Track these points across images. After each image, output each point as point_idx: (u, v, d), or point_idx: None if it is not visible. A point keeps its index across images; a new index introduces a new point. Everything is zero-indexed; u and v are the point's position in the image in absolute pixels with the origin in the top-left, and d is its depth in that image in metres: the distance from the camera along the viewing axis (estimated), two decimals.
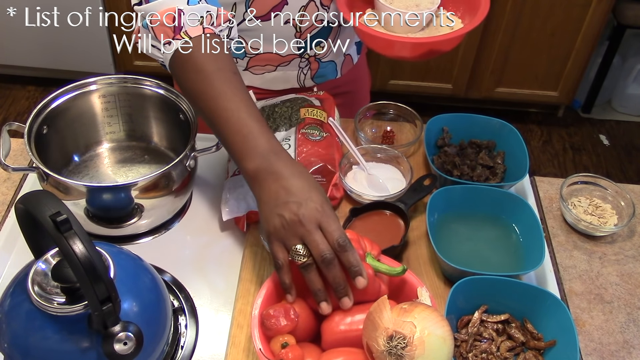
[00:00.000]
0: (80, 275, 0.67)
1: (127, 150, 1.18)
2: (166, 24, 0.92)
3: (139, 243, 1.07)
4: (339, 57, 1.28)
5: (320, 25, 1.17)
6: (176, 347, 0.92)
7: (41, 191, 0.76)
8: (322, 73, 1.28)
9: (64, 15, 2.59)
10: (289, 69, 1.24)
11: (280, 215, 0.82)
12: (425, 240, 1.07)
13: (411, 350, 0.73)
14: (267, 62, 1.21)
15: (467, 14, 1.11)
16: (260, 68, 1.22)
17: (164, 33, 0.93)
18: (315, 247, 0.80)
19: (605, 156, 2.85)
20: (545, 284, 1.03)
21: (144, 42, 0.97)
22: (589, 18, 2.53)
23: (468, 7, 1.11)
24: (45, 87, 2.91)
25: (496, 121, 1.20)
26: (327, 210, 0.82)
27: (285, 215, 0.81)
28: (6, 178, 1.15)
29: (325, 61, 1.26)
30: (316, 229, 0.81)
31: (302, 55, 1.21)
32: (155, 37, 0.94)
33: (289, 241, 0.82)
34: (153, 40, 0.95)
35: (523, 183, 1.19)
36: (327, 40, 1.21)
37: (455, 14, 1.13)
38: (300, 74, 1.25)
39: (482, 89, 2.78)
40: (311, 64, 1.24)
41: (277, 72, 1.24)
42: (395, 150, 1.15)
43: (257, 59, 1.20)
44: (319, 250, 0.80)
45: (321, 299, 0.82)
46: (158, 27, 0.93)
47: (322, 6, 1.14)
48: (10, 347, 0.76)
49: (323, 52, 1.23)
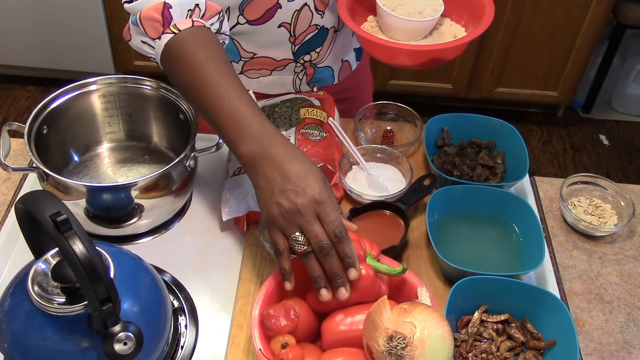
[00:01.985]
0: (80, 275, 0.67)
1: (127, 150, 1.18)
2: (155, 18, 0.93)
3: (139, 243, 1.07)
4: (335, 62, 1.28)
5: (315, 31, 1.17)
6: (176, 347, 0.92)
7: (41, 191, 0.76)
8: (318, 78, 1.27)
9: (64, 15, 2.60)
10: (284, 74, 1.23)
11: (279, 203, 0.82)
12: (425, 240, 1.07)
13: (411, 350, 0.73)
14: (262, 66, 1.21)
15: (471, 22, 1.10)
16: (256, 72, 1.22)
17: (154, 28, 0.93)
18: (313, 237, 0.81)
19: (605, 156, 2.85)
20: (545, 284, 1.03)
21: (135, 38, 0.97)
22: (589, 18, 2.53)
23: (472, 14, 1.10)
24: (45, 87, 2.91)
25: (496, 121, 1.20)
26: (325, 198, 0.82)
27: (284, 204, 0.81)
28: (6, 178, 1.15)
29: (321, 67, 1.25)
30: (314, 218, 0.82)
31: (297, 60, 1.21)
32: (145, 33, 0.94)
33: (288, 229, 0.82)
34: (143, 37, 0.96)
35: (523, 183, 1.19)
36: (322, 45, 1.21)
37: (457, 22, 1.12)
38: (296, 78, 1.25)
39: (482, 89, 2.78)
40: (307, 69, 1.24)
41: (273, 77, 1.23)
42: (395, 150, 1.15)
43: (252, 62, 1.20)
44: (317, 240, 0.81)
45: (321, 286, 0.82)
46: (147, 22, 0.93)
47: (316, 11, 1.13)
48: (10, 347, 0.76)
49: (318, 58, 1.23)
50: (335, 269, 0.82)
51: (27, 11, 2.60)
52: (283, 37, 1.15)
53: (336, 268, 0.82)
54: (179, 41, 0.92)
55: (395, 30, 1.07)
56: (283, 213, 0.82)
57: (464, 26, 1.11)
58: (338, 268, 0.82)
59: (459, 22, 1.12)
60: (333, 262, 0.82)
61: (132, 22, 0.96)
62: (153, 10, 0.93)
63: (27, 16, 2.62)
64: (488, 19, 1.05)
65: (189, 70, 0.90)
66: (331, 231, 0.81)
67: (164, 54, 0.94)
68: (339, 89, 1.32)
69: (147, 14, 0.93)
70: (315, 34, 1.17)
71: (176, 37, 0.92)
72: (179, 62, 0.92)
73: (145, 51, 0.97)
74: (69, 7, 2.57)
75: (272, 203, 0.83)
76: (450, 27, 1.11)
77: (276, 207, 0.82)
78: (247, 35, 1.14)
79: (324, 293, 0.82)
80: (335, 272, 0.82)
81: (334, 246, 0.82)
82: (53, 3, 2.57)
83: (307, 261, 0.82)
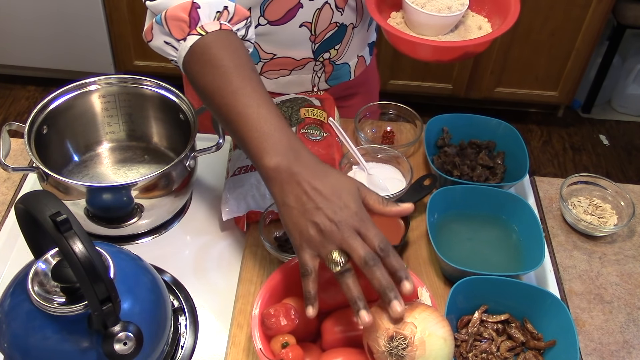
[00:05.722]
0: (80, 275, 0.67)
1: (127, 150, 1.18)
2: (182, 18, 0.88)
3: (139, 243, 1.07)
4: (352, 58, 1.28)
5: (335, 28, 1.16)
6: (176, 347, 0.92)
7: (41, 191, 0.76)
8: (336, 75, 1.27)
9: (64, 15, 2.60)
10: (303, 73, 1.23)
11: (314, 222, 0.76)
12: (425, 240, 1.07)
13: (412, 350, 0.73)
14: (282, 66, 1.20)
15: (493, 12, 1.10)
16: (275, 73, 1.21)
17: (179, 28, 0.89)
18: (355, 251, 0.75)
19: (605, 156, 2.85)
20: (545, 284, 1.03)
21: (157, 38, 0.92)
22: (589, 18, 2.53)
23: (493, 4, 1.10)
24: (45, 87, 2.91)
25: (496, 121, 1.20)
26: (363, 215, 0.77)
27: (320, 223, 0.76)
28: (6, 178, 1.15)
29: (340, 63, 1.25)
30: (355, 235, 0.76)
31: (316, 58, 1.21)
32: (170, 33, 0.90)
33: (324, 249, 0.76)
34: (167, 37, 0.91)
35: (523, 183, 1.19)
36: (341, 42, 1.20)
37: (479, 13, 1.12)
38: (315, 77, 1.24)
39: (482, 89, 2.78)
40: (325, 66, 1.23)
41: (292, 76, 1.23)
42: (395, 150, 1.15)
43: (272, 63, 1.19)
44: (361, 255, 0.74)
45: (361, 307, 0.74)
46: (173, 22, 0.89)
47: (337, 8, 1.13)
48: (10, 347, 0.76)
49: (337, 55, 1.22)
50: (386, 282, 0.74)
51: (28, 11, 2.60)
52: (304, 36, 1.15)
53: (387, 281, 0.74)
54: (205, 44, 0.87)
55: (424, 26, 1.07)
56: (320, 232, 0.76)
57: (486, 17, 1.11)
58: (389, 281, 0.74)
59: (481, 12, 1.12)
60: (382, 275, 0.74)
61: (157, 21, 0.90)
62: (180, 10, 0.88)
63: (28, 16, 2.62)
64: (515, 10, 1.05)
65: (216, 76, 0.85)
66: (375, 246, 0.75)
67: (188, 57, 0.89)
68: (353, 84, 1.32)
69: (173, 14, 0.88)
70: (335, 32, 1.17)
71: (203, 40, 0.87)
72: (204, 66, 0.86)
73: (167, 52, 0.92)
74: (69, 7, 2.57)
75: (306, 222, 0.77)
76: (473, 19, 1.12)
77: (312, 225, 0.76)
78: (267, 36, 1.13)
79: (363, 315, 0.74)
80: (386, 285, 0.74)
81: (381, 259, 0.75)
82: (53, 3, 2.57)
83: (345, 280, 0.75)
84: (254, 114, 0.82)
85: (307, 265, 0.77)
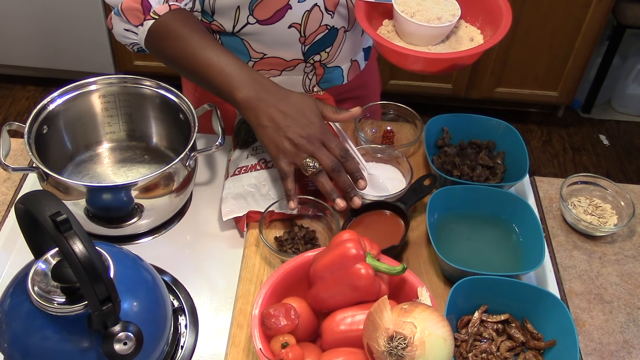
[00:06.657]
0: (80, 275, 0.67)
1: (127, 150, 1.18)
2: (135, 8, 1.03)
3: (139, 243, 1.07)
4: (345, 62, 1.27)
5: (325, 31, 1.17)
6: (176, 347, 0.92)
7: (41, 191, 0.76)
8: (327, 78, 1.27)
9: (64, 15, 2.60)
10: (294, 74, 1.23)
11: (287, 137, 0.97)
12: (425, 240, 1.07)
13: (412, 350, 0.73)
14: (272, 66, 1.21)
15: (487, 23, 1.08)
16: (265, 72, 1.22)
17: (135, 16, 1.03)
18: (324, 160, 0.97)
19: (605, 156, 2.85)
20: (545, 284, 1.03)
21: (117, 27, 1.06)
22: (589, 18, 2.53)
23: (487, 16, 1.08)
24: (45, 87, 2.91)
25: (496, 121, 1.20)
26: (325, 129, 0.99)
27: (293, 138, 0.97)
28: (6, 178, 1.15)
29: (331, 66, 1.25)
30: (321, 146, 0.98)
31: (307, 60, 1.21)
32: (128, 21, 1.04)
33: (298, 157, 0.97)
34: (126, 25, 1.05)
35: (523, 183, 1.19)
36: (332, 45, 1.20)
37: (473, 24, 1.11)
38: (306, 79, 1.25)
39: (482, 89, 2.78)
40: (316, 69, 1.24)
41: (282, 77, 1.23)
42: (395, 150, 1.15)
43: (262, 63, 1.20)
44: (329, 162, 0.97)
45: (336, 196, 0.99)
46: (129, 12, 1.03)
47: (326, 11, 1.13)
48: (10, 347, 0.76)
49: (328, 58, 1.23)
50: (348, 182, 1.00)
51: (27, 11, 2.60)
52: (293, 37, 1.15)
53: (348, 182, 1.00)
54: (160, 24, 1.03)
55: (414, 36, 1.06)
56: (294, 145, 0.97)
57: (479, 28, 1.10)
58: (349, 181, 1.00)
59: (474, 24, 1.11)
60: (345, 177, 0.99)
61: (115, 13, 1.05)
62: (132, 1, 1.03)
63: (27, 16, 2.62)
64: (507, 24, 1.04)
65: (176, 44, 1.02)
66: (338, 154, 0.99)
67: (148, 38, 1.04)
68: (347, 88, 1.32)
69: (127, 5, 1.03)
70: (325, 34, 1.17)
71: (157, 22, 1.03)
72: (164, 40, 1.03)
73: (129, 37, 1.06)
74: (69, 7, 2.57)
75: (282, 138, 0.97)
76: (466, 30, 1.10)
77: (286, 141, 0.97)
78: (257, 35, 1.14)
79: (339, 202, 0.99)
80: (348, 184, 1.00)
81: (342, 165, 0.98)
82: (53, 3, 2.57)
83: (319, 178, 0.98)
84: (215, 62, 0.99)
85: (285, 170, 0.98)
